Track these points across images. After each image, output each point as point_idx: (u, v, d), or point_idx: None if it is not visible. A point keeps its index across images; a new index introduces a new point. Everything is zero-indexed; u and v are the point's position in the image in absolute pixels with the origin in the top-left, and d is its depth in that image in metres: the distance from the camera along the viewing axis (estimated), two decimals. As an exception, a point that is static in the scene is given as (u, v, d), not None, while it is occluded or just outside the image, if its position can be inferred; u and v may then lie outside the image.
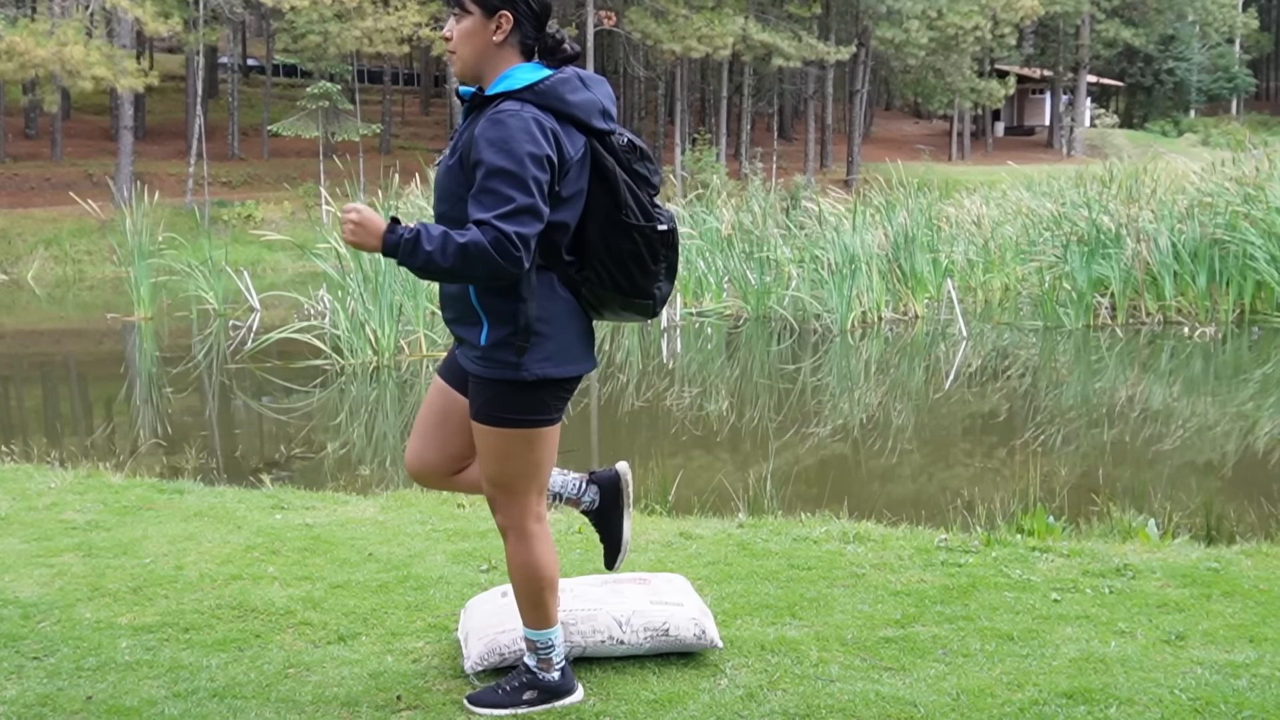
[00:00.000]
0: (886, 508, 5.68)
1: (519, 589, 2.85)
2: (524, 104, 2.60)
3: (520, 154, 2.52)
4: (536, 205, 2.52)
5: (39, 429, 9.50)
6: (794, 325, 13.97)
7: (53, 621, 3.53)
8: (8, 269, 26.28)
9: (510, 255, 2.48)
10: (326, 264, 12.70)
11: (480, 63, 2.70)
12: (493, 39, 2.68)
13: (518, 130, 2.55)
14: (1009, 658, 3.17)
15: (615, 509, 3.11)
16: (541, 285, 2.68)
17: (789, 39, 35.72)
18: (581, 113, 2.65)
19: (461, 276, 2.54)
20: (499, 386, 2.70)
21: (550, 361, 2.69)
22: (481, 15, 2.67)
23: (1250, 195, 13.89)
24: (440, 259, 2.49)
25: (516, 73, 2.67)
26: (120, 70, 28.12)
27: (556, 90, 2.63)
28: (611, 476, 3.12)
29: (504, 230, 2.48)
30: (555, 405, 2.76)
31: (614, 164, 2.69)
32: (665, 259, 2.75)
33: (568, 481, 3.10)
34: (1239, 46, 55.83)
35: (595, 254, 2.71)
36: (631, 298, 2.75)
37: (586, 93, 2.67)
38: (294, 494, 5.42)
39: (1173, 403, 9.41)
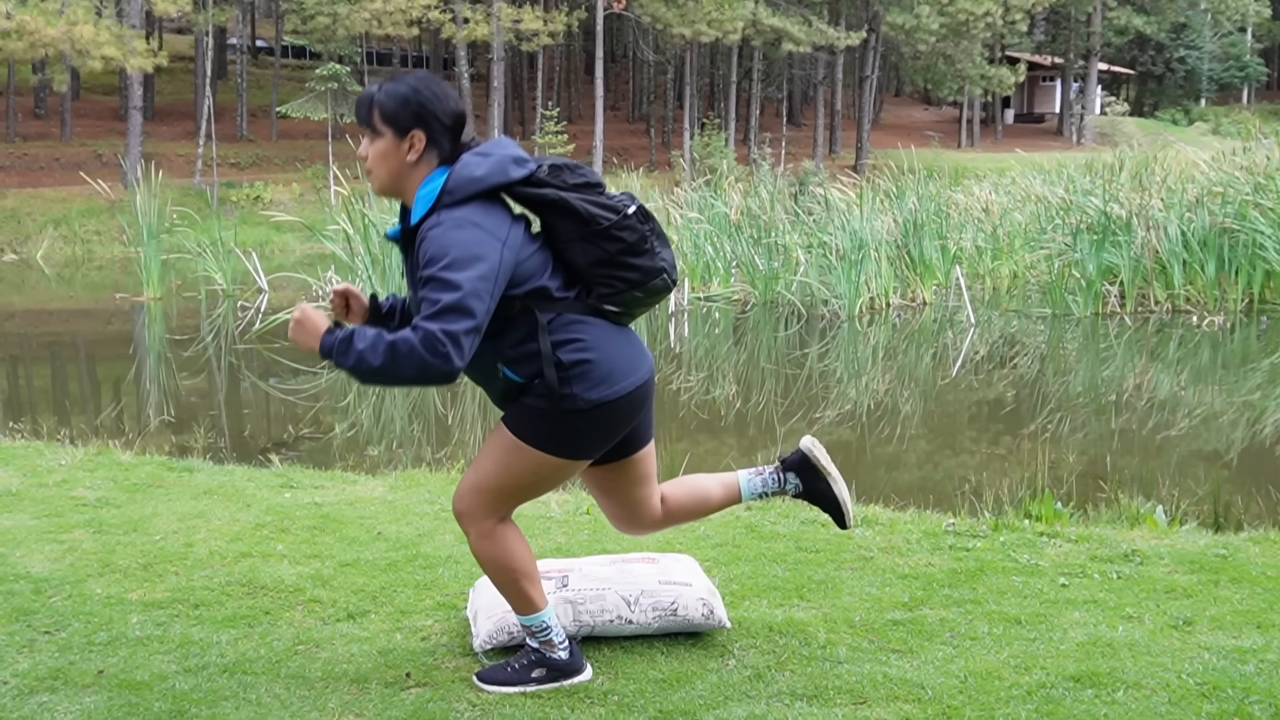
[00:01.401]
0: (894, 493, 5.69)
1: (495, 581, 2.87)
2: (440, 213, 2.63)
3: (445, 260, 2.55)
4: (464, 303, 2.52)
5: (48, 408, 9.54)
6: (801, 311, 13.95)
7: (64, 596, 3.55)
8: (17, 248, 26.33)
9: (437, 352, 2.50)
10: (335, 245, 12.72)
11: (396, 182, 2.74)
12: (406, 159, 2.71)
13: (442, 238, 2.58)
14: (1016, 641, 3.17)
15: (819, 480, 3.14)
16: (567, 328, 2.72)
17: (799, 24, 35.60)
18: (496, 177, 2.67)
19: (392, 376, 2.55)
20: (549, 412, 2.73)
21: (604, 385, 2.73)
22: (394, 136, 2.70)
23: (1260, 184, 13.83)
24: (371, 356, 2.53)
25: (423, 192, 2.69)
26: (129, 50, 28.11)
27: (463, 177, 2.66)
28: (798, 455, 3.16)
29: (429, 328, 2.51)
30: (599, 437, 2.79)
31: (555, 191, 2.71)
32: (650, 230, 2.78)
33: (766, 480, 3.16)
34: (1251, 35, 55.52)
35: (594, 273, 2.75)
36: (647, 283, 2.78)
37: (489, 159, 2.69)
38: (303, 473, 5.43)
39: (1180, 391, 9.39)
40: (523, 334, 2.70)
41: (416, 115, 2.69)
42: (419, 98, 2.69)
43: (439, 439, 7.96)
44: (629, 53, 47.21)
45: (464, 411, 9.01)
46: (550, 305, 2.71)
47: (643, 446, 2.97)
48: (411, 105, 2.68)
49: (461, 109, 2.76)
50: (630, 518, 3.07)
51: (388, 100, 2.69)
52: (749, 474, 3.16)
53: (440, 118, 2.71)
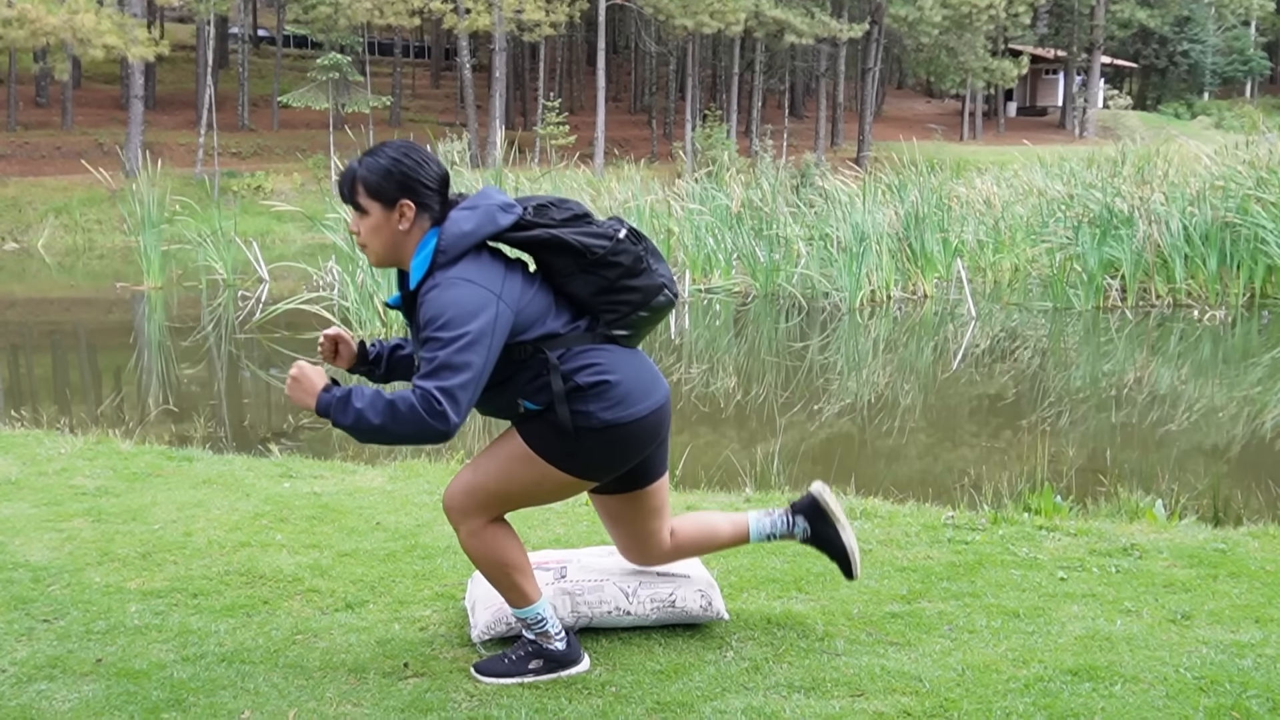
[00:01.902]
0: (894, 485, 5.69)
1: (488, 576, 2.88)
2: (436, 275, 2.66)
3: (441, 319, 2.59)
4: (459, 360, 2.56)
5: (48, 396, 9.54)
6: (802, 303, 13.94)
7: (62, 585, 3.56)
8: (18, 237, 26.33)
9: (434, 410, 2.54)
10: (336, 235, 12.69)
11: (392, 252, 2.76)
12: (399, 228, 2.73)
13: (437, 300, 2.61)
14: (1015, 634, 3.17)
15: (828, 526, 3.17)
16: (582, 353, 2.75)
17: (802, 15, 35.55)
18: (485, 229, 2.71)
19: (391, 434, 2.57)
20: (565, 428, 2.75)
21: (621, 406, 2.76)
22: (382, 209, 2.72)
23: (1263, 179, 13.81)
24: (370, 414, 2.56)
25: (417, 260, 2.71)
26: (131, 39, 28.08)
27: (452, 234, 2.69)
28: (809, 499, 3.19)
29: (426, 387, 2.55)
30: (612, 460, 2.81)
31: (545, 231, 2.75)
32: (644, 249, 2.82)
33: (775, 522, 3.19)
34: (1254, 29, 55.41)
35: (596, 303, 2.79)
36: (651, 301, 2.81)
37: (476, 212, 2.72)
38: (302, 463, 5.44)
39: (1181, 386, 9.39)
40: (535, 373, 2.75)
41: (401, 185, 2.71)
42: (400, 168, 2.70)
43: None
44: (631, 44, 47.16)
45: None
46: (560, 342, 2.75)
47: (656, 479, 3.00)
48: (395, 176, 2.70)
49: (444, 170, 2.78)
50: (638, 549, 3.10)
51: (370, 175, 2.71)
52: (758, 515, 3.20)
53: (425, 183, 2.72)
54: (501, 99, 35.45)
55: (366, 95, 34.01)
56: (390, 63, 44.29)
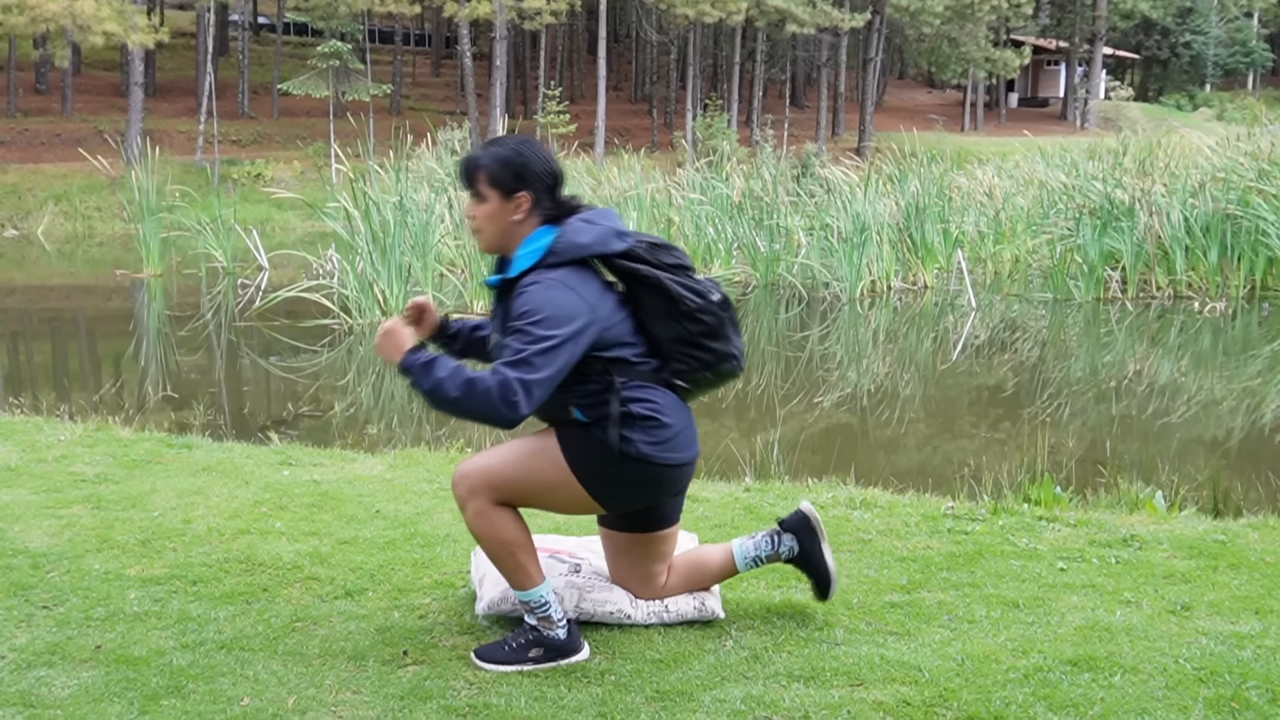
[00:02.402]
0: (893, 476, 5.69)
1: (493, 558, 2.90)
2: (541, 271, 2.78)
3: (537, 316, 2.70)
4: (542, 359, 2.67)
5: (48, 383, 9.53)
6: (803, 293, 13.94)
7: (62, 572, 3.55)
8: (18, 224, 26.30)
9: (508, 399, 2.64)
10: (336, 223, 12.68)
11: (504, 239, 2.89)
12: (513, 218, 2.86)
13: (538, 295, 2.73)
14: (1014, 625, 3.17)
15: (816, 543, 3.19)
16: (641, 390, 2.86)
17: (803, 5, 35.46)
18: (599, 247, 2.83)
19: (462, 410, 2.69)
20: (603, 446, 2.83)
21: (662, 447, 2.87)
22: (500, 198, 2.85)
23: (1264, 171, 13.79)
24: (449, 386, 2.67)
25: (526, 249, 2.83)
26: (131, 26, 28.01)
27: (570, 242, 2.81)
28: (800, 517, 3.20)
29: (507, 375, 2.65)
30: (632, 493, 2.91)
31: (650, 269, 2.86)
32: (729, 319, 2.94)
33: (759, 543, 3.20)
34: (1257, 21, 55.29)
35: (672, 349, 2.90)
36: (719, 365, 2.93)
37: (595, 228, 2.85)
38: (302, 451, 5.43)
39: (1181, 377, 9.39)
40: (598, 390, 2.84)
41: (519, 177, 2.84)
42: (521, 160, 2.84)
43: (438, 418, 7.96)
44: (632, 33, 47.05)
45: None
46: (628, 371, 2.86)
47: (667, 527, 3.08)
48: (515, 167, 2.84)
49: (560, 168, 2.90)
50: (635, 584, 3.15)
51: (494, 164, 2.84)
52: (741, 540, 3.23)
53: (542, 178, 2.86)
54: (502, 87, 35.38)
55: (367, 83, 33.94)
56: (391, 50, 44.18)
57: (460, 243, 13.48)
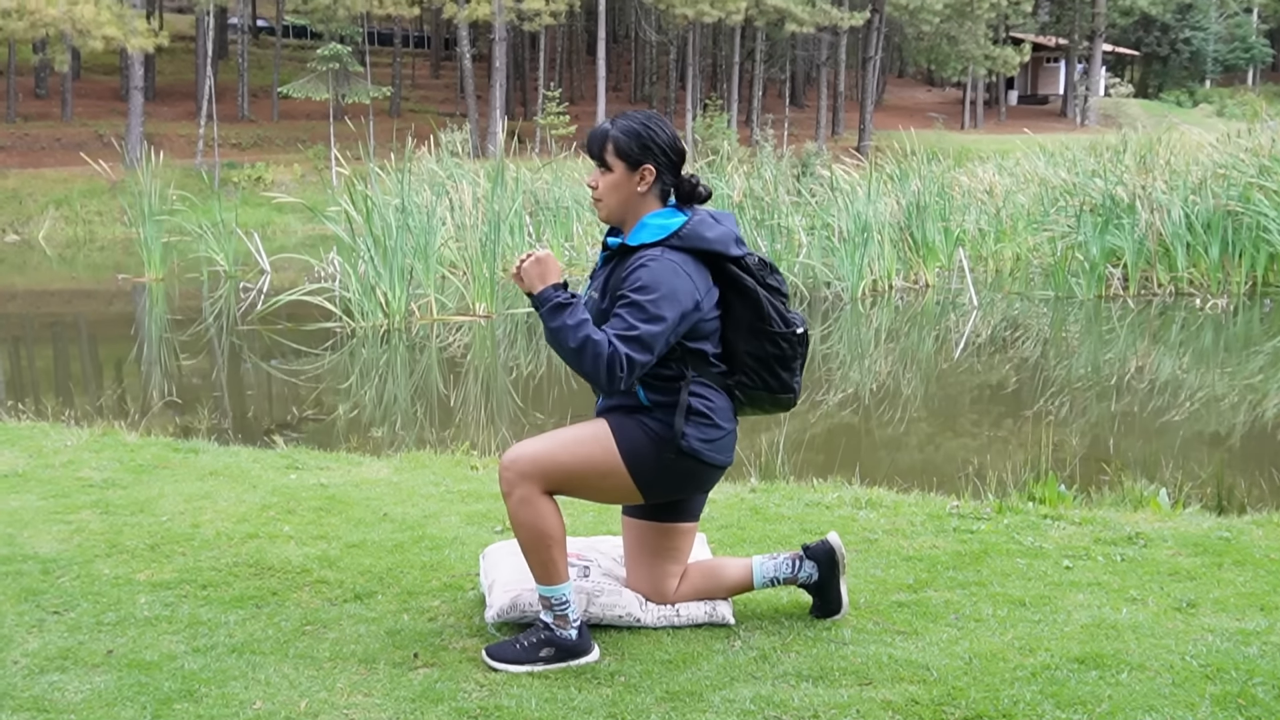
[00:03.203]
0: (898, 475, 5.70)
1: (527, 548, 2.93)
2: (664, 249, 2.89)
3: (655, 294, 2.81)
4: (651, 338, 2.79)
5: (51, 388, 9.55)
6: (805, 293, 13.95)
7: (72, 577, 3.57)
8: (19, 229, 26.32)
9: (614, 371, 2.77)
10: (337, 227, 12.70)
11: (625, 210, 2.99)
12: (636, 190, 2.97)
13: (659, 273, 2.84)
14: (1021, 623, 3.18)
15: (836, 575, 3.22)
16: (704, 388, 2.97)
17: (803, 4, 35.46)
18: (720, 246, 2.95)
19: (571, 358, 2.80)
20: (656, 435, 2.92)
21: (709, 446, 2.95)
22: (625, 169, 2.95)
23: (1265, 167, 13.81)
24: (570, 334, 2.78)
25: (655, 221, 2.94)
26: (130, 30, 28.03)
27: (696, 231, 2.92)
28: (826, 548, 3.23)
29: (619, 349, 2.77)
30: (672, 484, 2.97)
31: (753, 282, 2.98)
32: (801, 355, 3.07)
33: (779, 565, 3.23)
34: (1257, 16, 55.28)
35: (744, 360, 3.01)
36: (779, 394, 3.05)
37: (720, 228, 2.97)
38: (308, 454, 5.45)
39: (1183, 374, 9.40)
40: (669, 376, 2.94)
41: (646, 149, 2.94)
42: (650, 133, 2.95)
43: (441, 420, 7.98)
44: (631, 33, 47.07)
45: (466, 392, 9.03)
46: (701, 366, 2.97)
47: (689, 520, 3.15)
48: (643, 140, 2.94)
49: (684, 147, 2.99)
50: (649, 584, 3.18)
51: (622, 136, 2.94)
52: (762, 559, 3.26)
53: (669, 154, 2.96)
54: (502, 89, 35.40)
55: (366, 86, 33.94)
56: (390, 53, 44.19)
57: (461, 244, 13.50)
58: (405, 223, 11.85)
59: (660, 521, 3.13)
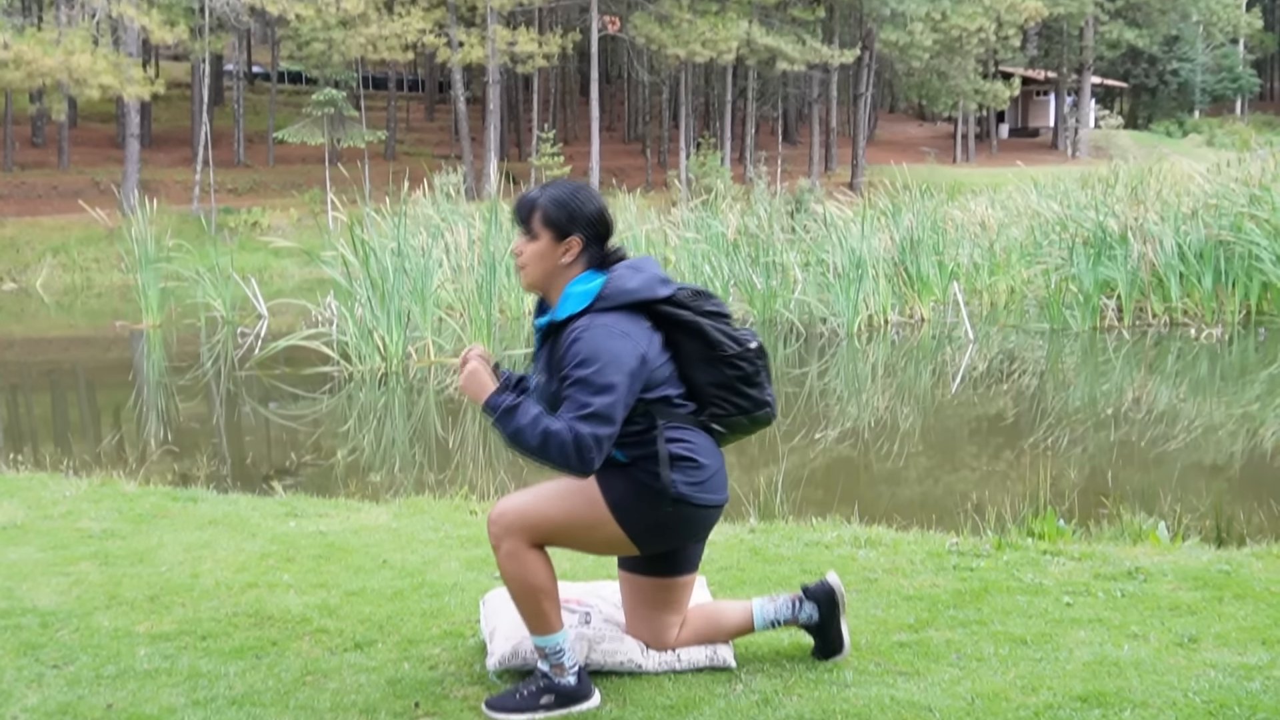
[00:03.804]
0: (897, 511, 5.70)
1: (518, 600, 2.93)
2: (592, 316, 2.86)
3: (597, 364, 2.77)
4: (610, 410, 2.76)
5: (49, 437, 9.54)
6: (800, 329, 13.98)
7: (71, 629, 3.56)
8: (16, 277, 26.36)
9: (584, 454, 2.74)
10: (334, 270, 12.73)
11: (548, 280, 2.97)
12: (561, 260, 2.93)
13: (593, 341, 2.80)
14: (1023, 661, 3.18)
15: (837, 615, 3.21)
16: (681, 429, 2.94)
17: (793, 42, 35.75)
18: (646, 292, 2.91)
19: (537, 456, 2.77)
20: (642, 485, 2.89)
21: (699, 488, 2.92)
22: (551, 239, 2.92)
23: (1256, 196, 13.89)
24: (529, 435, 2.76)
25: (577, 289, 2.91)
26: (127, 78, 28.21)
27: (618, 287, 2.90)
28: (826, 589, 3.22)
29: (582, 432, 2.73)
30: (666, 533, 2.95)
31: (692, 315, 2.95)
32: (763, 369, 3.04)
33: (780, 607, 3.22)
34: (1243, 47, 55.78)
35: (710, 393, 2.99)
36: (754, 413, 3.03)
37: (641, 274, 2.94)
38: (307, 501, 5.44)
39: (1180, 404, 9.41)
40: (640, 431, 2.90)
41: (574, 220, 2.92)
42: (578, 203, 2.94)
43: (440, 463, 7.97)
44: (624, 73, 47.43)
45: (464, 434, 9.02)
46: (669, 413, 2.94)
47: (686, 573, 3.13)
48: (570, 210, 2.92)
49: (611, 219, 2.99)
50: (649, 633, 3.17)
51: (551, 205, 2.93)
52: (762, 601, 3.25)
53: (596, 225, 2.94)
54: (496, 130, 35.61)
55: (362, 129, 34.15)
56: (385, 96, 44.48)
57: (458, 286, 13.53)
58: (402, 266, 11.89)
59: (658, 577, 3.10)
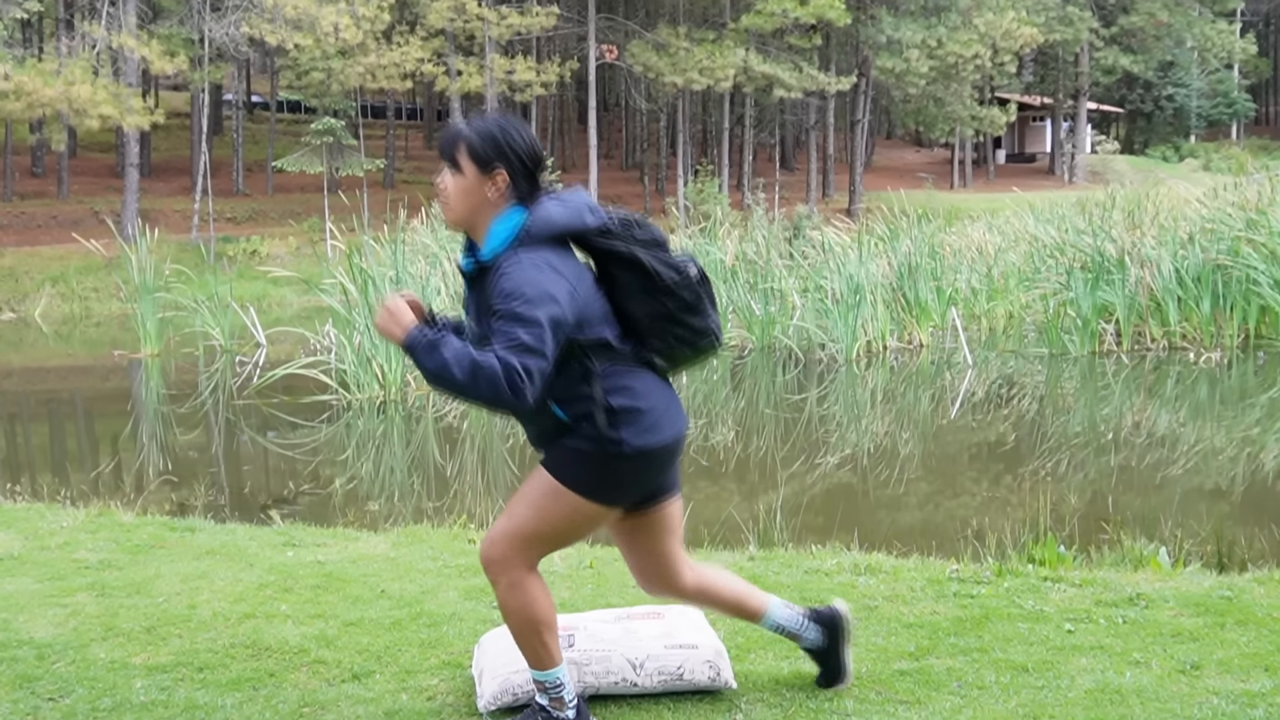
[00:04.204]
0: (896, 538, 5.68)
1: (518, 634, 2.87)
2: (517, 251, 2.71)
3: (523, 297, 2.63)
4: (539, 343, 2.61)
5: (47, 466, 9.52)
6: (799, 355, 13.98)
7: (67, 662, 3.54)
8: (15, 307, 26.38)
9: (515, 386, 2.58)
10: (333, 299, 12.75)
11: (473, 217, 2.81)
12: (487, 195, 2.78)
13: (518, 277, 2.66)
14: (1024, 689, 3.16)
15: (837, 647, 3.18)
16: (619, 376, 2.79)
17: (790, 70, 35.93)
18: (573, 224, 2.77)
19: (466, 392, 2.62)
20: (592, 455, 2.77)
21: (650, 433, 2.79)
22: (477, 173, 2.77)
23: (1253, 220, 13.92)
24: (455, 369, 2.60)
25: (499, 227, 2.76)
26: (126, 108, 28.32)
27: (543, 220, 2.74)
28: (832, 616, 3.18)
29: (511, 361, 2.58)
30: (636, 485, 2.85)
31: (625, 245, 2.80)
32: (705, 294, 2.88)
33: (791, 619, 3.16)
34: (1238, 72, 56.06)
35: (650, 327, 2.84)
36: (697, 343, 2.88)
37: (567, 206, 2.79)
38: (305, 531, 5.42)
39: (1180, 428, 9.40)
40: (576, 377, 2.76)
41: (501, 154, 2.76)
42: (505, 137, 2.77)
43: (438, 490, 7.95)
44: (621, 101, 47.63)
45: (462, 462, 9.01)
46: (606, 354, 2.78)
47: (670, 495, 3.01)
48: (498, 144, 2.76)
49: (542, 152, 2.83)
50: (655, 572, 3.06)
51: (475, 137, 2.77)
52: (780, 603, 3.19)
53: (523, 159, 2.78)
54: (494, 158, 35.62)
55: (360, 158, 34.27)
56: (383, 125, 44.65)
57: (456, 314, 13.52)
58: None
59: (640, 511, 2.97)
